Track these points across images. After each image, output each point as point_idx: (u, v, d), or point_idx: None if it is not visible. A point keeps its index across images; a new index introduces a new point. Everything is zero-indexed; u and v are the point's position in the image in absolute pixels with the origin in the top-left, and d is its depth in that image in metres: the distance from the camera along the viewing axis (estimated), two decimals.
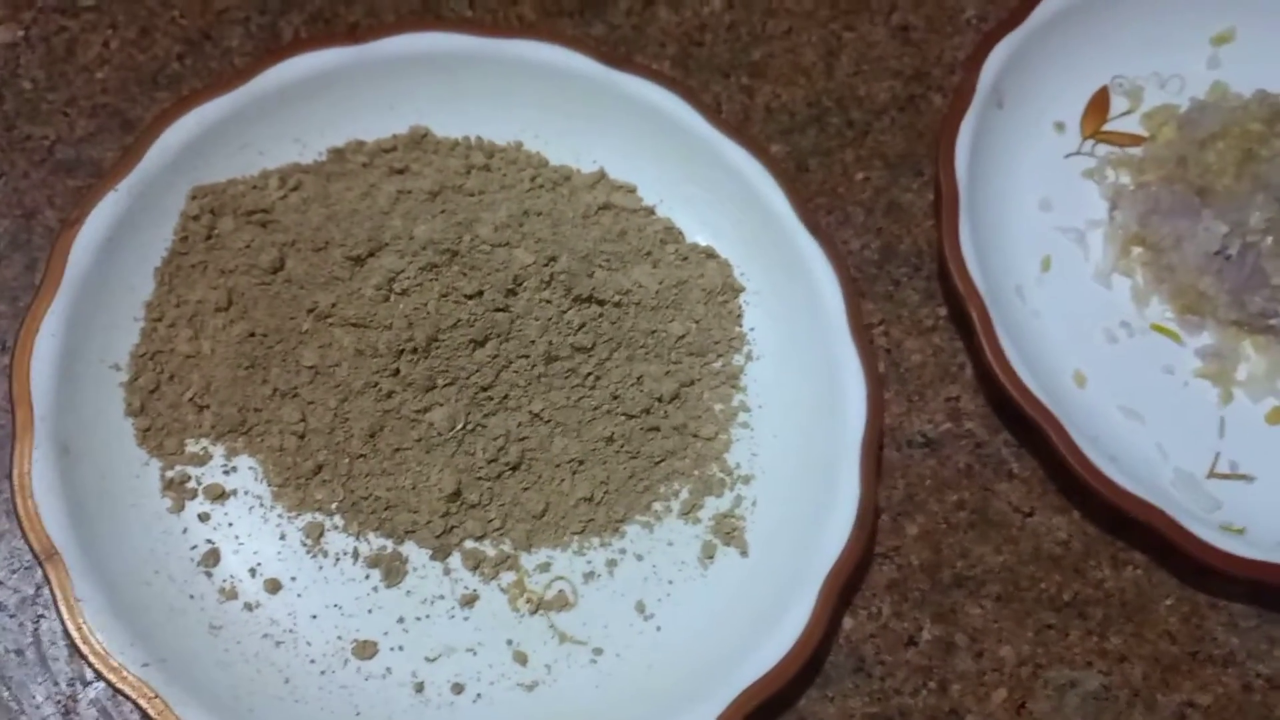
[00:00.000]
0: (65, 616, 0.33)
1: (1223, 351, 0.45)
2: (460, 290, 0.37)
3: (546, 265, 0.38)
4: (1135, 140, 0.50)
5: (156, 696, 0.32)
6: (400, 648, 0.36)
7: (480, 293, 0.37)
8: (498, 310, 0.38)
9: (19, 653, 0.35)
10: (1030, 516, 0.42)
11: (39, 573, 0.36)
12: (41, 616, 0.36)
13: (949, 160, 0.44)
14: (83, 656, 0.32)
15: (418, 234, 0.38)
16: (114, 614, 0.33)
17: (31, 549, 0.33)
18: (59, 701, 0.35)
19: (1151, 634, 0.41)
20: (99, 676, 0.32)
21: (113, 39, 0.44)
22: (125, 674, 0.32)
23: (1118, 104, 0.50)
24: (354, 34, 0.42)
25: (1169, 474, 0.43)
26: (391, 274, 0.37)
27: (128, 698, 0.32)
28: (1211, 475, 0.43)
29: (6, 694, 0.35)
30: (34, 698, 0.35)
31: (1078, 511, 0.43)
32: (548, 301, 0.38)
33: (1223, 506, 0.42)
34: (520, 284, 0.38)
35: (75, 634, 0.33)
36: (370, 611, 0.37)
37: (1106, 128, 0.50)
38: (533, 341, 0.38)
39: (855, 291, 0.41)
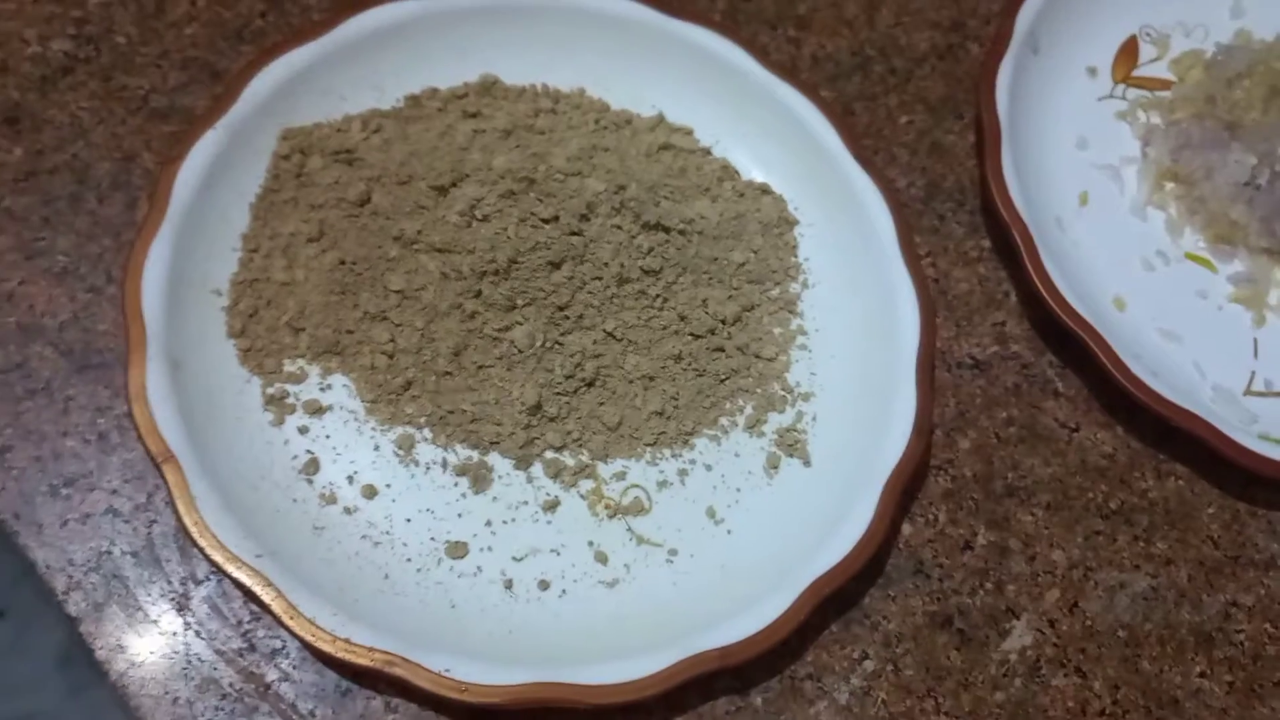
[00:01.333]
0: (182, 513, 0.35)
1: (1255, 277, 0.48)
2: (537, 215, 0.40)
3: (616, 193, 0.41)
4: (1164, 84, 0.52)
5: (270, 584, 0.34)
6: (489, 548, 0.38)
7: (556, 217, 0.40)
8: (572, 234, 0.40)
9: (134, 554, 0.38)
10: (1076, 431, 0.44)
11: (150, 482, 0.39)
12: (154, 521, 0.38)
13: (990, 99, 0.46)
14: (199, 549, 0.35)
15: (496, 164, 0.40)
16: (227, 510, 0.35)
17: (148, 452, 0.36)
18: (172, 598, 0.37)
19: (1195, 539, 0.43)
20: (215, 568, 0.35)
21: None
22: (241, 564, 0.35)
23: (1146, 51, 0.53)
24: None
25: (1208, 391, 0.45)
26: (473, 201, 0.40)
27: (242, 587, 0.34)
28: (1248, 393, 0.46)
29: (124, 592, 0.37)
30: (149, 595, 0.37)
31: (1121, 427, 0.45)
32: (618, 227, 0.41)
33: (1259, 420, 0.44)
34: (593, 210, 0.40)
35: (193, 528, 0.35)
36: (460, 516, 0.39)
37: (1136, 73, 0.52)
38: (605, 264, 0.40)
39: (905, 219, 0.44)
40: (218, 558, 0.35)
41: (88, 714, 0.35)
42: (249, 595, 0.35)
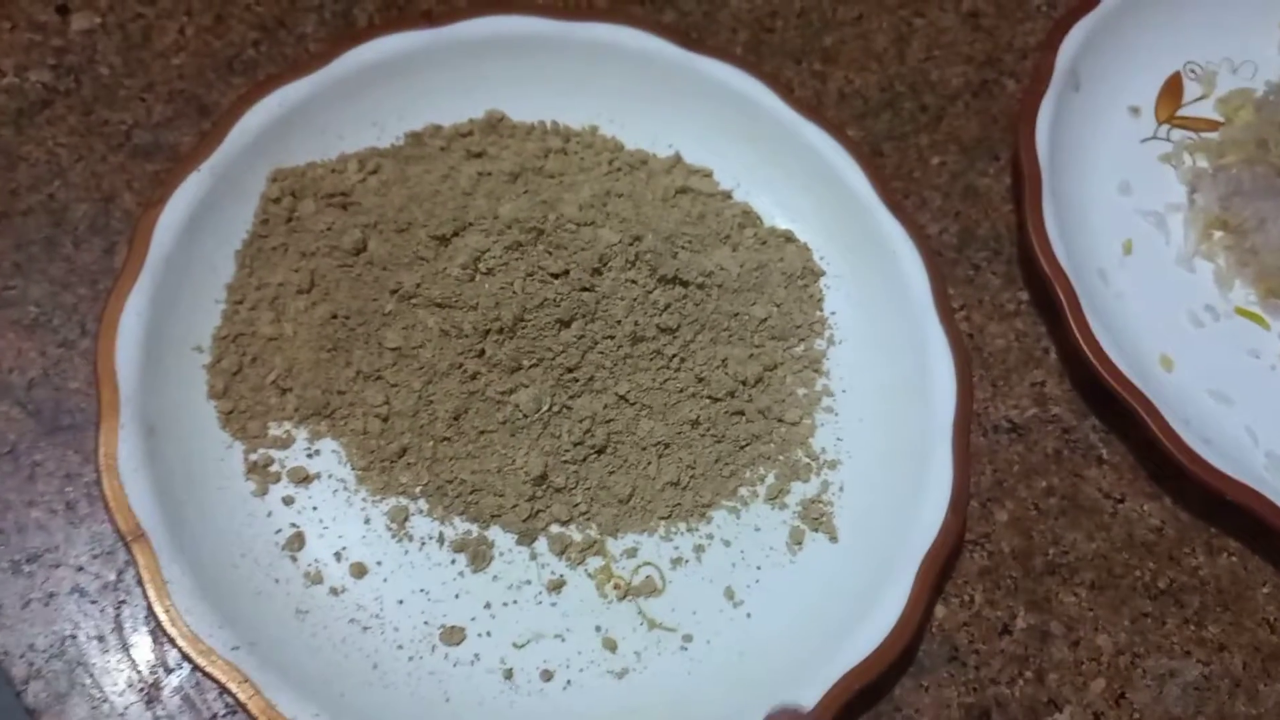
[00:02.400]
0: (153, 598, 0.32)
1: None
2: (546, 269, 0.37)
3: (631, 245, 0.38)
4: (1211, 125, 0.49)
5: (247, 680, 0.31)
6: (488, 634, 0.35)
7: (566, 271, 0.37)
8: (584, 290, 0.37)
9: (100, 639, 0.35)
10: (1122, 502, 0.41)
11: (120, 558, 0.36)
12: (123, 602, 0.35)
13: (1030, 141, 0.43)
14: (170, 640, 0.32)
15: (503, 213, 0.37)
16: (201, 596, 0.32)
17: (117, 530, 0.33)
18: (141, 689, 0.34)
19: (1250, 622, 0.40)
20: (186, 660, 0.32)
21: (188, 26, 0.44)
22: (215, 657, 0.32)
23: (1191, 89, 0.50)
24: (429, 18, 0.42)
25: (1261, 458, 0.42)
26: (477, 253, 0.37)
27: (216, 682, 0.31)
28: None
29: (89, 681, 0.34)
30: (116, 685, 0.34)
31: (1169, 498, 0.41)
32: (633, 281, 0.38)
33: None
34: (605, 263, 0.37)
35: (163, 616, 0.32)
36: (457, 597, 0.36)
37: (1181, 113, 0.49)
38: (619, 321, 0.37)
39: (939, 269, 0.41)
40: (190, 651, 0.32)
41: None
42: (224, 690, 0.32)
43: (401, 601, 0.35)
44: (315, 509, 0.36)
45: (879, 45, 0.48)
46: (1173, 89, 0.50)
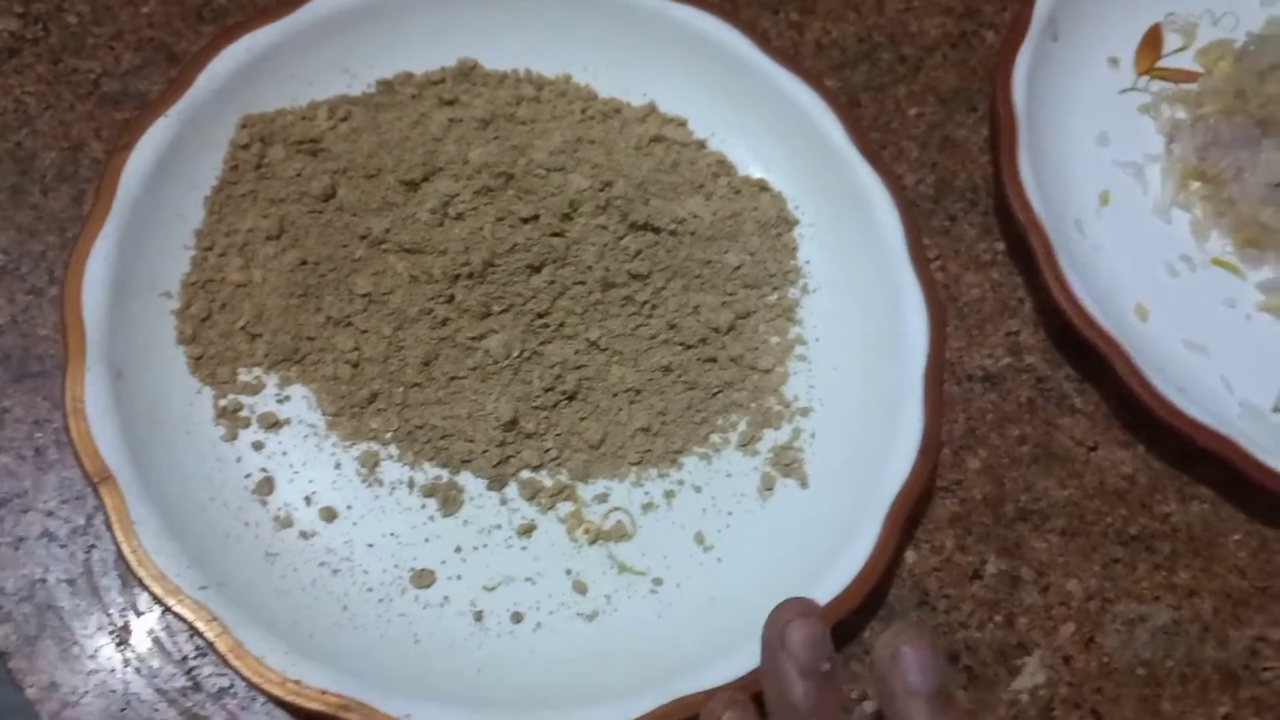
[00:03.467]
0: (120, 539, 0.32)
1: None
2: (516, 214, 0.37)
3: (602, 190, 0.38)
4: (1190, 76, 0.49)
5: (215, 619, 0.32)
6: (458, 577, 0.35)
7: (536, 216, 0.37)
8: (554, 235, 0.37)
9: (70, 583, 0.35)
10: (1094, 451, 0.41)
11: (89, 502, 0.36)
12: (93, 546, 0.35)
13: (1006, 91, 0.43)
14: (138, 579, 0.32)
15: (472, 158, 0.37)
16: (170, 537, 0.32)
17: (85, 472, 0.33)
18: (112, 631, 0.34)
19: (1220, 568, 0.40)
20: (154, 599, 0.32)
21: None
22: (182, 596, 0.32)
23: (1171, 41, 0.49)
24: None
25: (1235, 407, 0.42)
26: (446, 198, 0.37)
27: (185, 621, 0.31)
28: (1278, 409, 0.42)
29: (59, 624, 0.34)
30: (86, 628, 0.34)
31: (1142, 446, 0.42)
32: (604, 227, 0.38)
33: None
34: (576, 209, 0.37)
35: (131, 556, 0.32)
36: (427, 541, 0.36)
37: (1161, 64, 0.49)
38: (589, 267, 0.37)
39: (914, 219, 0.40)
40: (158, 590, 0.32)
41: None
42: (193, 630, 0.32)
43: (371, 545, 0.35)
44: (285, 454, 0.36)
45: None
46: (1152, 40, 0.49)
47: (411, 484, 0.36)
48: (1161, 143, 0.47)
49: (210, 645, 0.31)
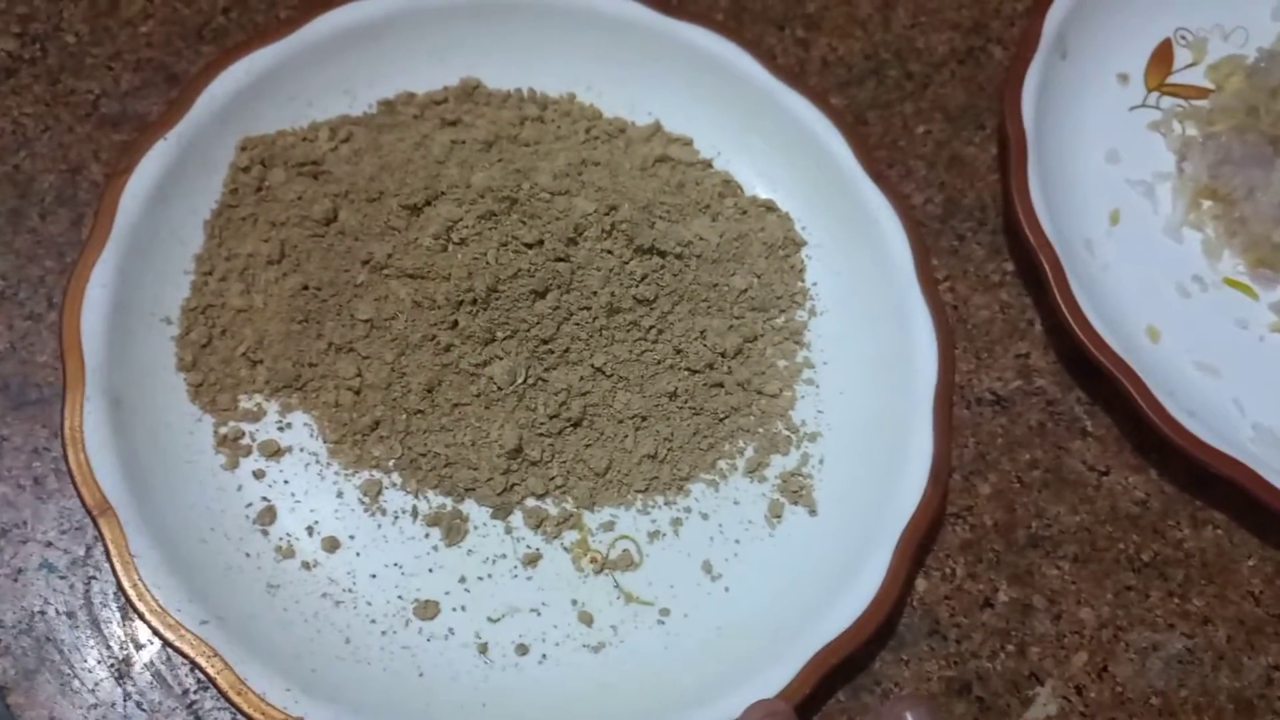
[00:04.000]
0: (120, 573, 0.32)
1: None
2: (520, 239, 0.36)
3: (607, 214, 0.37)
4: (1201, 93, 0.48)
5: (216, 655, 0.31)
6: (462, 608, 0.35)
7: (541, 241, 0.36)
8: (558, 260, 0.36)
9: (70, 615, 0.34)
10: (1106, 475, 0.41)
11: (89, 533, 0.35)
12: (93, 578, 0.35)
13: (1015, 109, 0.43)
14: (138, 614, 0.31)
15: (475, 182, 0.37)
16: (170, 570, 0.32)
17: (84, 504, 0.32)
18: (112, 665, 0.34)
19: (1235, 595, 0.39)
20: (155, 635, 0.31)
21: None
22: (183, 631, 0.31)
23: (1181, 56, 0.49)
24: None
25: (1248, 431, 0.41)
26: (449, 223, 0.36)
27: (185, 656, 0.31)
28: None
29: (58, 658, 0.34)
30: (85, 661, 0.34)
31: (1154, 470, 0.41)
32: (609, 252, 0.37)
33: None
34: (581, 233, 0.37)
35: (130, 591, 0.31)
36: (431, 571, 0.35)
37: (1171, 80, 0.48)
38: (594, 293, 0.37)
39: (922, 240, 0.40)
40: (158, 625, 0.31)
41: None
42: (193, 665, 0.31)
43: (374, 576, 0.35)
44: (287, 482, 0.36)
45: (863, 12, 0.47)
46: (1163, 56, 0.49)
47: (415, 513, 0.36)
48: (1172, 160, 0.46)
49: (212, 681, 0.31)
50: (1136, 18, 0.48)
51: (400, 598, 0.35)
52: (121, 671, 0.34)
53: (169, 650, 0.34)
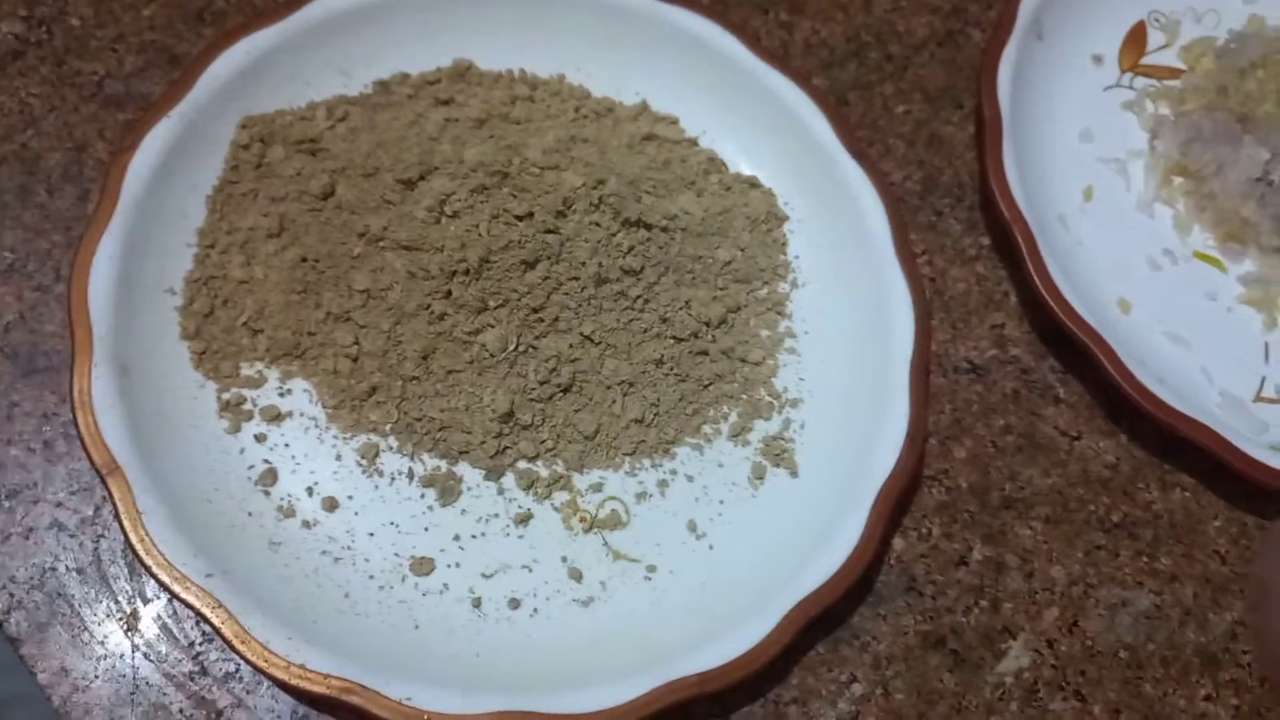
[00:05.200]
0: (128, 529, 0.33)
1: (1266, 278, 0.45)
2: (511, 212, 0.37)
3: (595, 188, 0.38)
4: (1173, 73, 0.50)
5: (220, 606, 0.32)
6: (457, 564, 0.36)
7: (531, 214, 0.38)
8: (548, 232, 0.38)
9: (79, 571, 0.36)
10: (1078, 440, 0.42)
11: (97, 493, 0.36)
12: (101, 536, 0.36)
13: (991, 88, 0.44)
14: (145, 568, 0.33)
15: (468, 157, 0.38)
16: (176, 527, 0.33)
17: (93, 464, 0.33)
18: (120, 619, 0.35)
19: (1201, 554, 0.41)
20: (162, 588, 0.33)
21: None
22: (189, 584, 0.33)
23: (1154, 38, 0.50)
24: None
25: (1215, 397, 0.43)
26: (443, 196, 0.37)
27: (191, 608, 0.32)
28: (1258, 399, 0.43)
29: (68, 611, 0.35)
30: (95, 615, 0.35)
31: (1125, 435, 0.42)
32: (597, 224, 0.38)
33: (1270, 429, 0.42)
34: (570, 206, 0.38)
35: (138, 545, 0.33)
36: (426, 529, 0.37)
37: (1144, 61, 0.50)
38: (583, 263, 0.38)
39: (900, 215, 0.41)
40: (165, 578, 0.33)
41: None
42: (199, 616, 0.33)
43: (372, 534, 0.36)
44: (287, 446, 0.37)
45: None
46: (1136, 37, 0.50)
47: (411, 474, 0.37)
48: (1145, 139, 0.48)
49: (217, 631, 0.32)
50: (1111, 1, 0.50)
51: (397, 555, 0.36)
52: (130, 625, 0.35)
53: (175, 604, 0.35)
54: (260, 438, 0.37)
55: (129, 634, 0.35)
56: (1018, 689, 0.38)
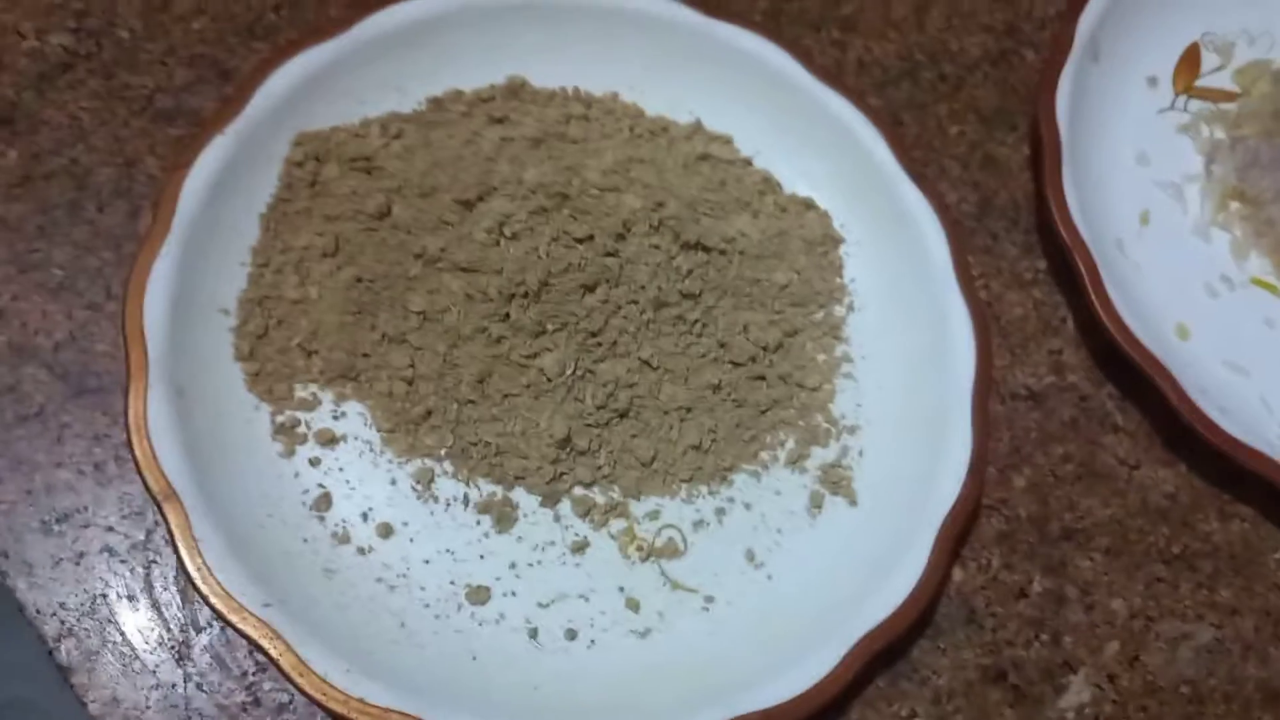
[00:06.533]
0: (185, 557, 0.32)
1: None
2: (571, 234, 0.37)
3: (655, 210, 0.38)
4: (1228, 96, 0.49)
5: (278, 637, 0.32)
6: (513, 593, 0.36)
7: (591, 237, 0.37)
8: (607, 255, 0.37)
9: (130, 598, 0.35)
10: (1137, 469, 0.42)
11: (149, 518, 0.36)
12: (153, 562, 0.35)
13: (1050, 111, 0.43)
14: (203, 597, 0.32)
15: (527, 178, 0.37)
16: (233, 555, 0.33)
17: (149, 490, 0.33)
18: (172, 647, 0.34)
19: (1261, 587, 0.40)
20: (218, 617, 0.32)
21: None
22: (247, 614, 0.32)
23: (1208, 60, 0.50)
24: None
25: (1275, 428, 0.42)
26: (502, 218, 0.37)
27: (248, 638, 0.32)
28: None
29: (119, 639, 0.34)
30: (146, 643, 0.34)
31: (1184, 464, 0.42)
32: (656, 247, 0.38)
33: None
34: (629, 228, 0.38)
35: (196, 574, 0.32)
36: (482, 557, 0.36)
37: (1199, 84, 0.49)
38: (642, 287, 0.37)
39: (960, 238, 0.41)
40: (222, 607, 0.32)
41: None
42: (255, 647, 0.32)
43: (428, 561, 0.36)
44: (342, 470, 0.36)
45: (898, 14, 0.48)
46: (1190, 59, 0.50)
47: (466, 500, 0.37)
48: (1201, 163, 0.47)
49: (274, 662, 0.32)
50: (1165, 22, 0.49)
51: (452, 583, 0.36)
52: (181, 653, 0.34)
53: (228, 633, 0.34)
54: (314, 461, 0.36)
55: (181, 663, 0.34)
56: None
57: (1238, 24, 0.50)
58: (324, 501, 0.36)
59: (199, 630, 0.35)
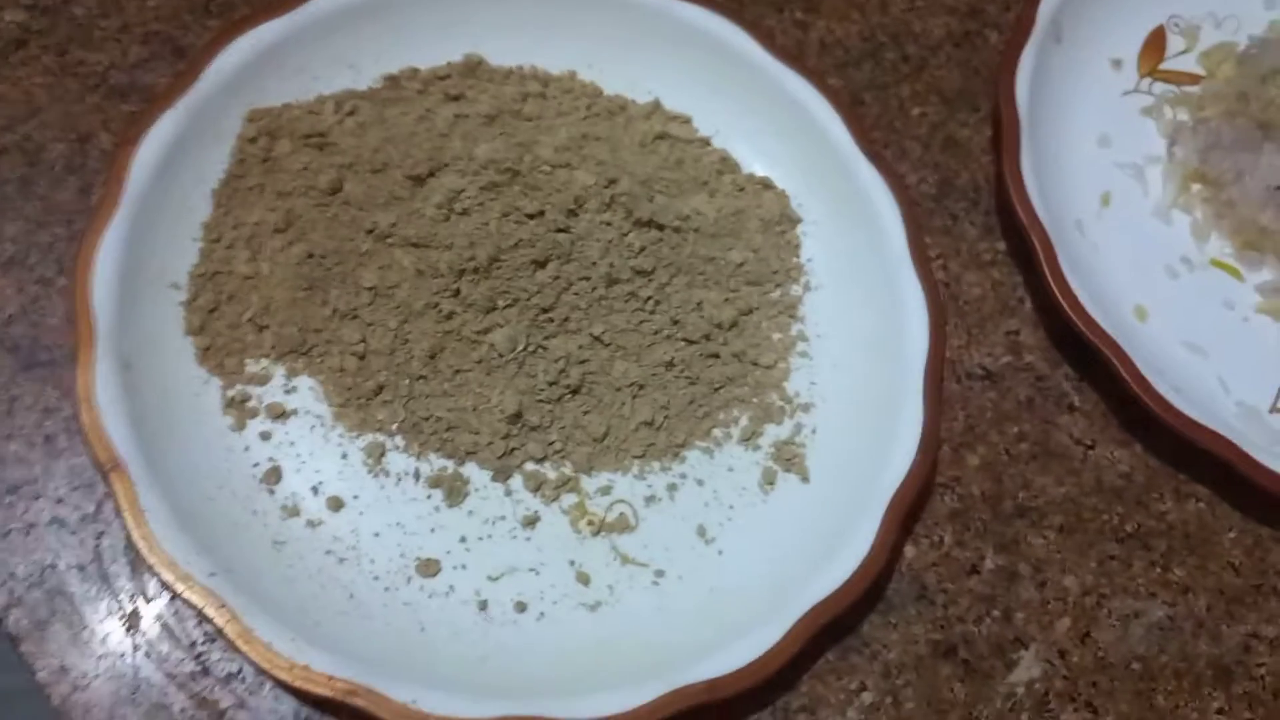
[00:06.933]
0: (131, 526, 0.32)
1: None
2: (521, 210, 0.37)
3: (607, 187, 0.38)
4: (1193, 79, 0.49)
5: (224, 605, 0.32)
6: (463, 566, 0.36)
7: (542, 213, 0.37)
8: (559, 231, 0.37)
9: (80, 569, 0.35)
10: (1092, 449, 0.42)
11: (99, 491, 0.36)
12: (102, 533, 0.35)
13: (1009, 92, 0.43)
14: (148, 566, 0.32)
15: (478, 154, 0.37)
16: (179, 525, 0.33)
17: (95, 460, 0.33)
18: (121, 617, 0.35)
19: (1215, 566, 0.40)
20: (164, 586, 0.32)
21: None
22: (192, 582, 0.32)
23: (1174, 43, 0.50)
24: None
25: (1232, 408, 0.42)
26: (452, 193, 0.37)
27: (194, 607, 0.32)
28: (1275, 410, 0.43)
29: (69, 609, 0.34)
30: (96, 613, 0.34)
31: (1140, 444, 0.42)
32: (608, 224, 0.38)
33: None
34: (581, 205, 0.38)
35: (141, 543, 0.32)
36: (432, 530, 0.36)
37: (1163, 66, 0.49)
38: (594, 263, 0.38)
39: (916, 219, 0.41)
40: (168, 576, 0.32)
41: None
42: (202, 616, 0.32)
43: (378, 534, 0.36)
44: (292, 444, 0.36)
45: None
46: (1155, 42, 0.50)
47: (417, 475, 0.37)
48: (1163, 145, 0.47)
49: (219, 631, 0.32)
50: (1130, 4, 0.49)
51: (402, 556, 0.36)
52: (131, 623, 0.34)
53: (177, 603, 0.35)
54: (265, 435, 0.36)
55: (130, 633, 0.34)
56: (1029, 700, 0.37)
57: (1203, 7, 0.51)
58: (274, 475, 0.36)
59: (148, 600, 0.35)
